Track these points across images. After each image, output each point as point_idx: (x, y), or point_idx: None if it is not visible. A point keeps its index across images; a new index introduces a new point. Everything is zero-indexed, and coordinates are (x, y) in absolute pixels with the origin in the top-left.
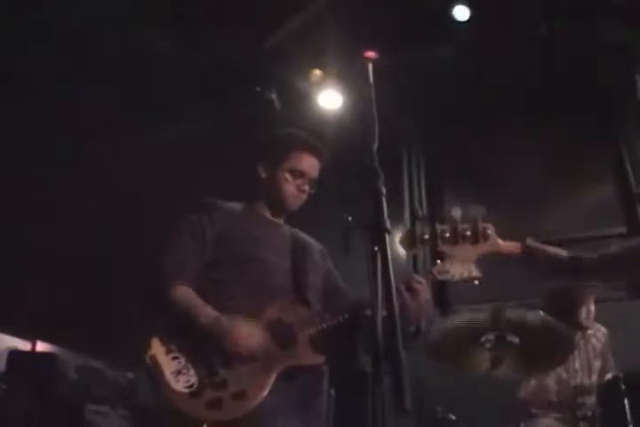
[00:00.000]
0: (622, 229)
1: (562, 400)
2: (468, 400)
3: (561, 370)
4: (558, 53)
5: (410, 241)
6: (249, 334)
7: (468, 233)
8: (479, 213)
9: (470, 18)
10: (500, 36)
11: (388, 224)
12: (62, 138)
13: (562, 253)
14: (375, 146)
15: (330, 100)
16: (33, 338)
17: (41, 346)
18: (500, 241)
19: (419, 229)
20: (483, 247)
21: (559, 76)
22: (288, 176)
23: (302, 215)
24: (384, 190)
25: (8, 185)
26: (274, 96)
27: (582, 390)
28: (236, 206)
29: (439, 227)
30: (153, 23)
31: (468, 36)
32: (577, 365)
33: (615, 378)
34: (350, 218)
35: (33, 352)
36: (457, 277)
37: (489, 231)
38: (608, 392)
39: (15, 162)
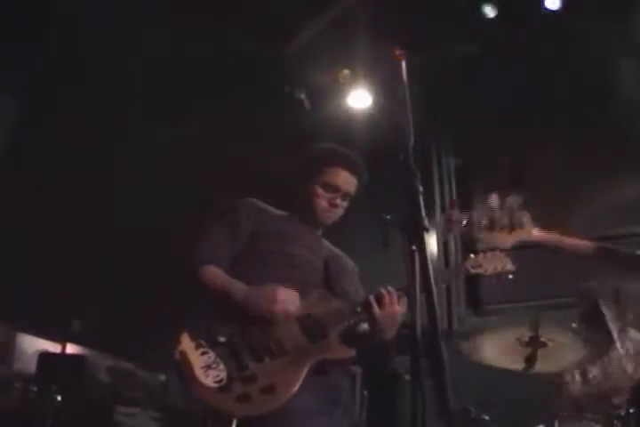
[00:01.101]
0: None
1: (597, 401)
2: (500, 400)
3: (598, 372)
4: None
5: (448, 226)
6: (287, 294)
7: (505, 221)
8: (516, 202)
9: (498, 15)
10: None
11: (425, 222)
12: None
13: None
14: (411, 144)
15: (359, 99)
16: (63, 340)
17: (71, 348)
18: (535, 231)
19: (457, 215)
20: (519, 235)
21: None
22: (320, 190)
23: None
24: (421, 188)
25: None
26: (303, 96)
27: (617, 392)
28: (276, 211)
29: (476, 214)
30: (169, 23)
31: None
32: (611, 368)
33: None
34: (388, 217)
35: (63, 354)
36: (490, 270)
37: (525, 220)
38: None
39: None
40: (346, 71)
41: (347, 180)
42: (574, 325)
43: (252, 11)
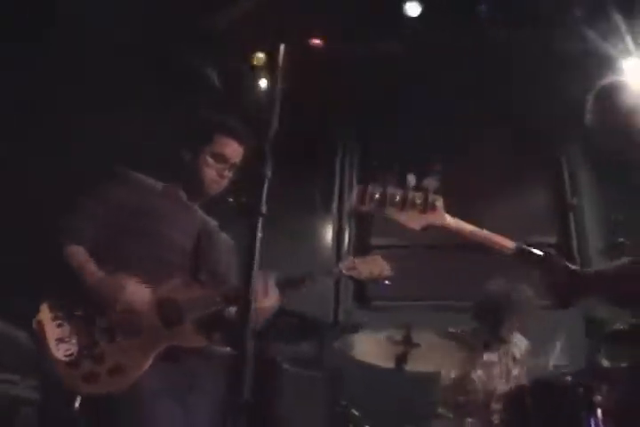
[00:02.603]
0: (553, 239)
1: (477, 404)
2: (383, 398)
3: (481, 374)
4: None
5: (361, 198)
6: (136, 290)
7: (418, 201)
8: (432, 184)
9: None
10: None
11: (264, 208)
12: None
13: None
14: (272, 131)
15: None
16: None
17: None
18: (449, 217)
19: (371, 187)
20: (429, 218)
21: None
22: (210, 160)
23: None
24: (269, 174)
25: None
26: (216, 78)
27: (498, 397)
28: (153, 183)
29: (391, 189)
30: None
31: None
32: (495, 371)
33: (520, 387)
34: (231, 200)
35: None
36: (365, 275)
37: (437, 204)
38: (513, 400)
39: None
40: (260, 55)
41: (235, 150)
42: (451, 329)
43: None
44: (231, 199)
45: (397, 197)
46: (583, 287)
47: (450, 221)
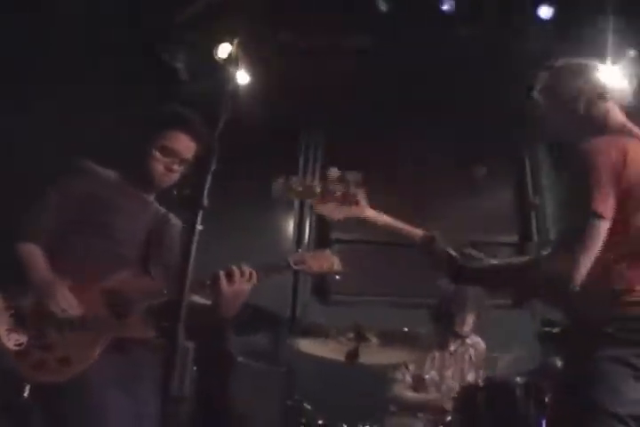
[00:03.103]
0: (515, 238)
1: (430, 403)
2: (336, 394)
3: (434, 374)
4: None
5: (281, 188)
6: (63, 298)
7: (339, 193)
8: (354, 178)
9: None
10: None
11: (205, 201)
12: None
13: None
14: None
15: (238, 75)
16: None
17: None
18: (371, 211)
19: (295, 180)
20: (351, 211)
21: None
22: (157, 154)
23: None
24: (213, 166)
25: None
26: (181, 66)
27: (451, 396)
28: (109, 173)
29: (311, 181)
30: None
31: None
32: (450, 371)
33: (472, 387)
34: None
35: None
36: (315, 269)
37: (359, 197)
38: (465, 399)
39: None
40: (227, 45)
41: (187, 145)
42: (406, 329)
43: None
44: (175, 192)
45: (318, 189)
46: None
47: (370, 213)
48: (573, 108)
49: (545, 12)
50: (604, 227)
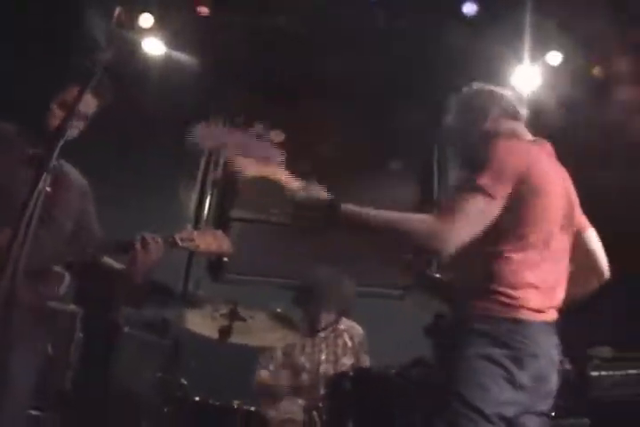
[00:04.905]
0: None
1: (305, 387)
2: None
3: (305, 360)
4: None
5: (204, 134)
6: None
7: (258, 152)
8: (278, 137)
9: None
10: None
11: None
12: None
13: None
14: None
15: (154, 46)
16: None
17: None
18: (285, 174)
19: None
20: (264, 170)
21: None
22: (56, 109)
23: None
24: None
25: None
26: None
27: (324, 382)
28: (6, 127)
29: (234, 136)
30: None
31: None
32: (323, 356)
33: (343, 374)
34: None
35: None
36: (202, 248)
37: (274, 156)
38: (335, 386)
39: None
40: (145, 15)
41: (87, 101)
42: (279, 309)
43: None
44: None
45: (240, 140)
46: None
47: (283, 177)
48: (480, 129)
49: (469, 8)
50: (489, 207)
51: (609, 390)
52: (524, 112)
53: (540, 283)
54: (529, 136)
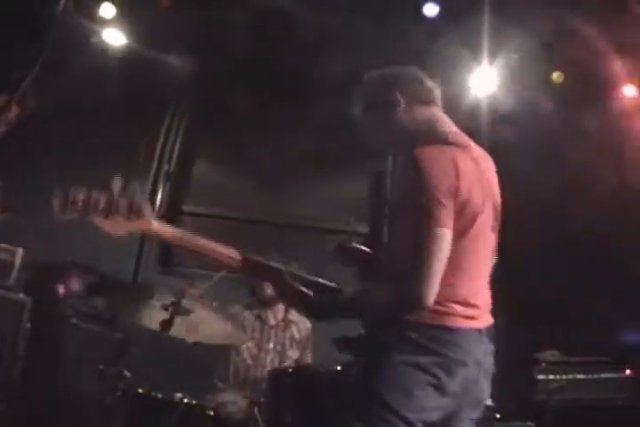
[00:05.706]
0: (365, 229)
1: (251, 380)
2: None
3: (252, 346)
4: None
5: (62, 204)
6: None
7: (124, 207)
8: (139, 188)
9: None
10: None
11: None
12: None
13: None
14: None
15: (114, 36)
16: None
17: None
18: (155, 223)
19: (74, 192)
20: (134, 224)
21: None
22: None
23: None
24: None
25: None
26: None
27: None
28: None
29: (95, 195)
30: None
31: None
32: (271, 344)
33: (279, 370)
34: None
35: None
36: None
37: (143, 209)
38: (273, 380)
39: None
40: (105, 4)
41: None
42: (214, 304)
43: None
44: None
45: (102, 204)
46: (316, 310)
47: (155, 226)
48: (393, 118)
49: (430, 9)
50: (445, 237)
51: (555, 394)
52: (438, 93)
53: (469, 289)
54: (450, 125)
